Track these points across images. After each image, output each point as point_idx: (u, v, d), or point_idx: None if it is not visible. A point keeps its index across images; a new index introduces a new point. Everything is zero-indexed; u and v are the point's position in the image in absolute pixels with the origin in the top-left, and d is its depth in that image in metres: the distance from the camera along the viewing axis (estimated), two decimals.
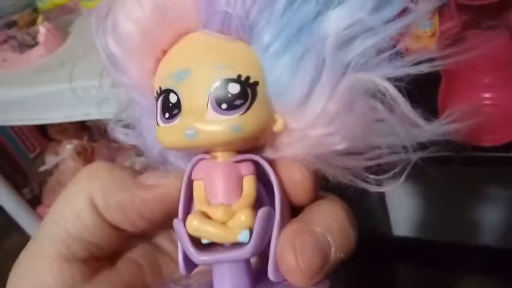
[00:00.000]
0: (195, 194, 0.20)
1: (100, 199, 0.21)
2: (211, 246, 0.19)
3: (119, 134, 0.25)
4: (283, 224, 0.19)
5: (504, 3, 0.47)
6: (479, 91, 0.47)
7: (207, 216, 0.19)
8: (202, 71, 0.19)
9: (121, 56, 0.21)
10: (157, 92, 0.20)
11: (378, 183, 0.20)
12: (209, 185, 0.20)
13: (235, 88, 0.19)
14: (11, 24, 0.76)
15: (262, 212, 0.18)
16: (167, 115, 0.20)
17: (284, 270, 0.18)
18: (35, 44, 0.72)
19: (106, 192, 0.21)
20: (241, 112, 0.19)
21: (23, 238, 1.00)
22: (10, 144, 1.13)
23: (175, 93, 0.19)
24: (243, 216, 0.18)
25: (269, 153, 0.21)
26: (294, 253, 0.18)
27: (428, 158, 0.19)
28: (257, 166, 0.20)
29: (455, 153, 0.20)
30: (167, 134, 0.20)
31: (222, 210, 0.19)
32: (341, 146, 0.19)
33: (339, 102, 0.18)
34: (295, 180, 0.20)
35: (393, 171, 0.20)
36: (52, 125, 0.97)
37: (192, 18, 0.19)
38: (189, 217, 0.19)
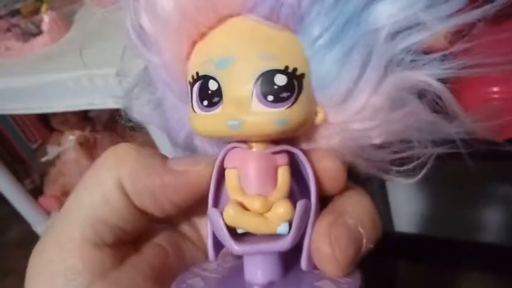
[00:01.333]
0: (228, 182, 0.19)
1: (128, 183, 0.20)
2: (245, 235, 0.19)
3: (137, 114, 0.24)
4: (317, 215, 0.19)
5: None
6: (487, 85, 0.46)
7: (242, 206, 0.18)
8: (247, 59, 0.18)
9: (155, 35, 0.20)
10: (192, 76, 0.19)
11: (401, 176, 0.20)
12: (244, 175, 0.19)
13: (282, 80, 0.18)
14: (15, 13, 0.76)
15: (301, 204, 0.18)
16: (205, 102, 0.19)
17: (319, 260, 0.19)
18: (39, 32, 0.72)
19: (135, 177, 0.20)
20: (288, 105, 0.18)
21: (24, 229, 1.00)
22: (12, 135, 1.13)
23: (215, 80, 0.19)
24: (282, 209, 0.18)
25: (303, 144, 0.21)
26: (331, 244, 0.18)
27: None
28: (290, 156, 0.20)
29: (462, 148, 0.20)
30: (205, 122, 0.19)
31: (260, 202, 0.18)
32: (377, 141, 0.19)
33: (384, 98, 0.18)
34: (329, 171, 0.20)
35: (414, 164, 0.20)
36: (55, 115, 0.96)
37: (239, 1, 0.18)
38: (227, 207, 0.18)
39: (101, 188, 0.20)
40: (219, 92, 0.19)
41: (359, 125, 0.19)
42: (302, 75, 0.18)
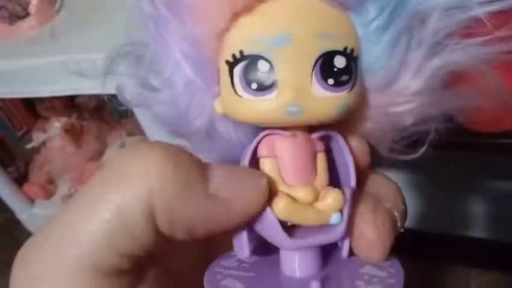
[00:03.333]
0: (268, 173, 0.18)
1: (163, 215, 0.16)
2: (293, 227, 0.18)
3: (131, 97, 0.20)
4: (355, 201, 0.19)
5: None
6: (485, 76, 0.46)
7: (290, 197, 0.17)
8: (306, 38, 0.17)
9: (191, 4, 0.17)
10: (234, 56, 0.17)
11: (404, 152, 0.20)
12: (287, 164, 0.18)
13: (341, 61, 0.17)
14: None
15: (349, 192, 0.18)
16: (254, 86, 0.17)
17: (365, 246, 0.18)
18: (26, 15, 0.70)
19: (172, 208, 0.16)
20: (349, 89, 0.17)
21: (7, 216, 0.99)
22: None
23: (267, 60, 0.17)
24: (331, 199, 0.17)
25: (335, 127, 0.19)
26: (378, 230, 0.18)
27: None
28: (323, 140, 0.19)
29: (454, 137, 0.20)
30: (257, 109, 0.17)
31: (309, 192, 0.17)
32: (408, 122, 0.19)
33: (424, 81, 0.18)
34: (357, 151, 0.19)
35: (413, 140, 0.20)
36: (41, 101, 0.95)
37: None
38: (278, 200, 0.17)
39: (124, 217, 0.15)
40: (271, 74, 0.17)
41: (397, 107, 0.18)
42: (357, 57, 0.17)
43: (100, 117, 0.96)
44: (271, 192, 0.17)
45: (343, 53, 0.17)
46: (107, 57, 0.21)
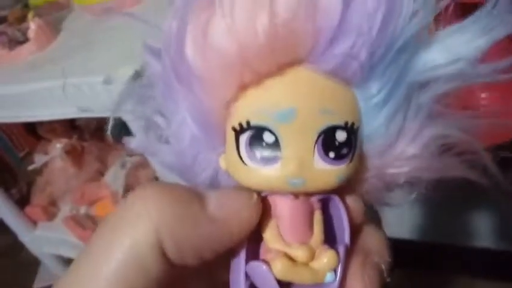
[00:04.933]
0: (268, 231, 0.19)
1: (171, 245, 0.17)
2: (290, 283, 0.19)
3: (155, 149, 0.21)
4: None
5: None
6: (475, 92, 0.47)
7: (287, 256, 0.18)
8: (310, 114, 0.17)
9: (201, 74, 0.17)
10: (240, 124, 0.18)
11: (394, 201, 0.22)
12: (286, 224, 0.19)
13: (342, 136, 0.18)
14: (1, 20, 0.75)
15: (343, 251, 0.19)
16: (259, 155, 0.18)
17: None
18: (26, 40, 0.71)
19: (177, 237, 0.17)
20: (348, 162, 0.18)
21: (10, 238, 0.98)
22: None
23: (272, 133, 0.17)
24: (326, 259, 0.18)
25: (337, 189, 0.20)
26: (365, 284, 0.19)
27: None
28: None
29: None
30: (262, 177, 0.18)
31: (307, 252, 0.18)
32: (401, 182, 0.20)
33: (420, 147, 0.19)
34: (352, 210, 0.20)
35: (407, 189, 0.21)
36: (41, 123, 0.95)
37: (305, 53, 0.17)
38: (276, 261, 0.18)
39: (134, 248, 0.16)
40: (276, 146, 0.17)
41: (394, 169, 0.19)
42: (357, 130, 0.18)
43: (101, 138, 0.97)
44: (270, 250, 0.18)
45: (344, 127, 0.18)
46: (117, 95, 0.22)
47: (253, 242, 0.19)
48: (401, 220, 0.98)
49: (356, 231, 0.20)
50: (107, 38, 0.65)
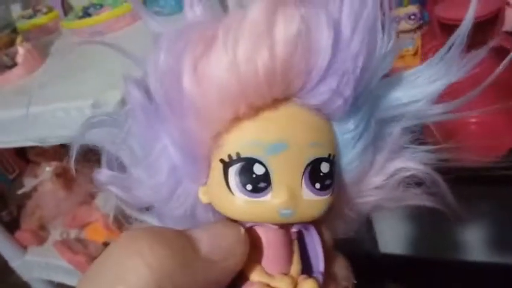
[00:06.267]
0: (250, 262, 0.19)
1: None
2: None
3: (126, 183, 0.21)
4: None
5: (488, 23, 0.47)
6: (462, 110, 0.47)
7: (268, 286, 0.18)
8: (300, 147, 0.18)
9: (193, 101, 0.17)
10: (229, 156, 0.18)
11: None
12: (268, 254, 0.19)
13: (326, 167, 0.19)
14: None
15: (321, 279, 0.19)
16: (249, 187, 0.18)
17: None
18: (14, 64, 0.71)
19: (179, 285, 0.16)
20: (331, 192, 0.19)
21: (1, 261, 0.97)
22: None
23: (262, 164, 0.18)
24: None
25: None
26: None
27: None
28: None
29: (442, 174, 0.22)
30: (252, 209, 0.18)
31: (289, 283, 0.18)
32: (365, 211, 0.22)
33: (385, 178, 0.21)
34: (327, 241, 0.21)
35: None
36: (31, 146, 0.94)
37: (296, 89, 0.18)
38: None
39: None
40: (266, 178, 0.18)
41: (361, 199, 0.21)
42: (335, 162, 0.19)
43: (92, 160, 0.96)
44: (252, 284, 0.18)
45: (327, 159, 0.19)
46: (80, 125, 0.22)
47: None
48: (396, 235, 0.98)
49: (326, 258, 0.21)
50: (96, 62, 0.65)
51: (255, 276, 0.18)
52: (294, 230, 0.19)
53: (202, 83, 0.17)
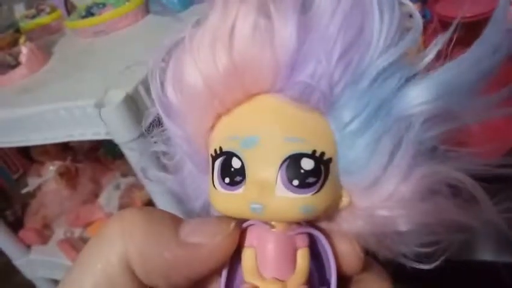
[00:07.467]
0: (244, 262, 0.19)
1: (138, 265, 0.18)
2: None
3: (156, 176, 0.23)
4: None
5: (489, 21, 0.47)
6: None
7: None
8: (272, 141, 0.18)
9: (179, 107, 0.19)
10: (215, 150, 0.19)
11: (419, 260, 0.19)
12: (262, 256, 0.18)
13: (308, 164, 0.17)
14: None
15: None
16: (227, 180, 0.18)
17: None
18: (17, 64, 0.71)
19: (145, 256, 0.18)
20: (314, 191, 0.17)
21: (5, 260, 0.97)
22: None
23: (239, 158, 0.18)
24: None
25: (324, 224, 0.20)
26: None
27: None
28: (309, 237, 0.19)
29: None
30: (227, 202, 0.18)
31: None
32: (403, 228, 0.18)
33: (413, 187, 0.18)
34: (346, 256, 0.19)
35: (434, 249, 0.19)
36: (35, 146, 0.95)
37: (269, 83, 0.18)
38: None
39: (106, 269, 0.18)
40: (242, 171, 0.18)
41: (385, 211, 0.18)
42: (329, 160, 0.18)
43: (95, 159, 0.96)
44: (244, 283, 0.18)
45: (311, 155, 0.17)
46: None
47: (234, 271, 0.19)
48: None
49: (350, 274, 0.19)
50: (99, 61, 0.66)
51: (248, 276, 0.18)
52: (291, 233, 0.18)
53: (179, 85, 0.19)
